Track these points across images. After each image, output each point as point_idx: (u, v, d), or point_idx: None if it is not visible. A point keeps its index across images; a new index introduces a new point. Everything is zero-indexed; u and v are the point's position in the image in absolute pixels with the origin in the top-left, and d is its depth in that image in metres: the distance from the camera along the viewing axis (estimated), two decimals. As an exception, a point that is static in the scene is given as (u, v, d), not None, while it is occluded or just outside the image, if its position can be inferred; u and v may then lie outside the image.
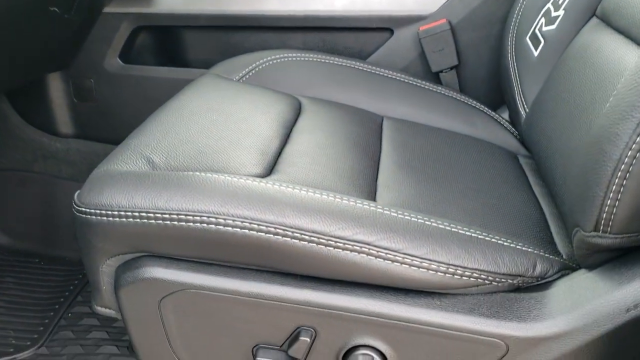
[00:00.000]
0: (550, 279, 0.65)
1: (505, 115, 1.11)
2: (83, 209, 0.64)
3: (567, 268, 0.66)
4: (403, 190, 0.78)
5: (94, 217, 0.63)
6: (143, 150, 0.74)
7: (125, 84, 1.23)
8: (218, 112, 0.88)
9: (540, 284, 0.64)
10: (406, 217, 0.64)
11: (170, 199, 0.61)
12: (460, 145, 0.97)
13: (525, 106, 0.99)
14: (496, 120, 1.06)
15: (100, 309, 0.69)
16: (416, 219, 0.64)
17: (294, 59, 1.09)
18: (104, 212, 0.62)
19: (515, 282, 0.63)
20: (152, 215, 0.61)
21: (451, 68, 1.10)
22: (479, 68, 1.14)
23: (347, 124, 0.95)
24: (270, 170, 0.77)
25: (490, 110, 1.07)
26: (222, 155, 0.75)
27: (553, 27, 0.95)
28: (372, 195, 0.76)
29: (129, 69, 1.25)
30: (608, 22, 0.85)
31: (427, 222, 0.64)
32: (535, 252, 0.66)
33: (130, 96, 1.24)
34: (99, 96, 1.25)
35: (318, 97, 1.06)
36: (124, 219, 0.62)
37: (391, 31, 1.15)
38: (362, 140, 0.91)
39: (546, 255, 0.66)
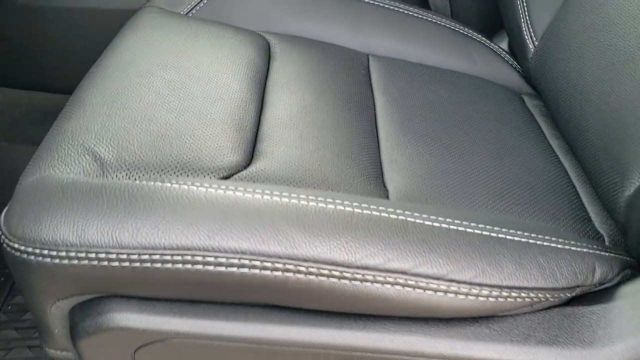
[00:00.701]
0: (610, 284, 0.54)
1: (504, 45, 0.97)
2: (17, 246, 0.47)
3: (627, 266, 0.56)
4: (414, 168, 0.64)
5: (33, 257, 0.46)
6: (85, 139, 0.56)
7: (41, 17, 1.00)
8: (173, 69, 0.70)
9: (600, 292, 0.54)
10: (442, 226, 0.50)
11: (138, 232, 0.45)
12: (464, 91, 0.82)
13: (534, 38, 0.85)
14: (495, 52, 0.92)
15: (54, 352, 0.55)
16: (454, 227, 0.51)
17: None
18: (46, 252, 0.46)
19: (573, 294, 0.52)
20: (114, 256, 0.45)
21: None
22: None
23: (331, 72, 0.78)
24: (251, 153, 0.61)
25: (488, 41, 0.92)
26: (189, 140, 0.58)
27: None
28: (380, 181, 0.62)
29: (40, -2, 1.01)
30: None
31: (468, 230, 0.51)
32: (591, 251, 0.54)
33: (51, 31, 1.01)
34: (10, 34, 1.01)
35: (287, 32, 0.88)
36: (76, 261, 0.45)
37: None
38: (353, 95, 0.75)
39: (602, 252, 0.55)
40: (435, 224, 0.50)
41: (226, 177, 0.56)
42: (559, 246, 0.53)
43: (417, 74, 0.84)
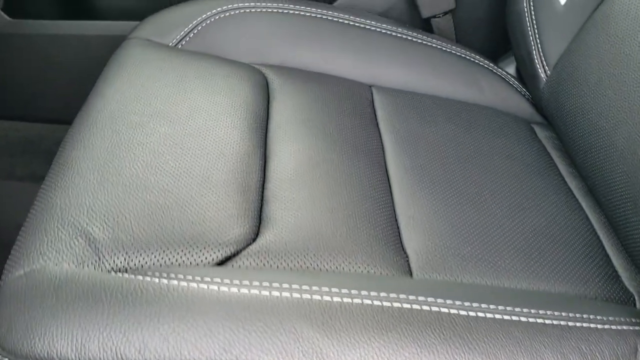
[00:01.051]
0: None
1: (511, 69, 0.92)
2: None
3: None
4: (433, 225, 0.59)
5: (25, 373, 0.41)
6: (76, 216, 0.51)
7: (16, 45, 0.93)
8: (167, 119, 0.64)
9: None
10: (478, 315, 0.46)
11: (145, 347, 0.39)
12: (475, 125, 0.78)
13: (546, 67, 0.81)
14: (503, 79, 0.87)
15: None
16: (490, 315, 0.46)
17: (248, 10, 0.83)
18: (41, 367, 0.41)
19: (615, 378, 0.49)
20: (119, 375, 0.40)
21: (446, 12, 0.88)
22: (477, 10, 0.92)
23: (335, 112, 0.73)
24: (258, 218, 0.56)
25: (495, 67, 0.87)
26: (191, 209, 0.53)
27: (589, -33, 0.74)
28: (398, 245, 0.57)
29: (19, 25, 0.94)
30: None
31: (505, 318, 0.47)
32: (631, 327, 0.51)
33: (26, 61, 0.94)
34: (-16, 62, 0.94)
35: (285, 64, 0.82)
36: (75, 378, 0.41)
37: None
38: (360, 137, 0.70)
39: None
40: (471, 314, 0.46)
41: (235, 254, 0.52)
42: (599, 326, 0.49)
43: (423, 108, 0.79)
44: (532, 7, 0.80)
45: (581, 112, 0.72)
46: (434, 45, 0.86)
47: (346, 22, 0.84)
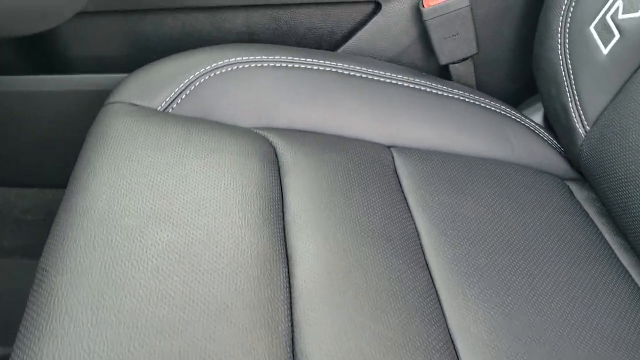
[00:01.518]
0: None
1: (536, 117, 0.84)
2: None
3: None
4: (495, 344, 0.51)
5: None
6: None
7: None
8: (168, 221, 0.54)
9: None
10: None
11: None
12: (513, 190, 0.68)
13: (585, 122, 0.72)
14: (533, 131, 0.78)
15: None
16: None
17: (247, 66, 0.73)
18: None
19: None
20: None
21: (466, 58, 0.79)
22: (500, 54, 0.83)
23: (359, 188, 0.63)
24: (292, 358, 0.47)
25: (522, 117, 0.79)
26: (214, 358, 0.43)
27: (637, 14, 0.66)
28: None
29: (-17, 83, 0.81)
30: None
31: None
32: None
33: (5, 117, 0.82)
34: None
35: (293, 126, 0.72)
36: None
37: (377, 5, 0.80)
38: (392, 222, 0.61)
39: None
40: None
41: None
42: None
43: (453, 173, 0.70)
44: (568, 56, 0.72)
45: (633, 180, 0.64)
46: (455, 96, 0.77)
47: (358, 74, 0.74)
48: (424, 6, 0.75)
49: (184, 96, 0.70)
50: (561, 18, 0.71)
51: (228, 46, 0.76)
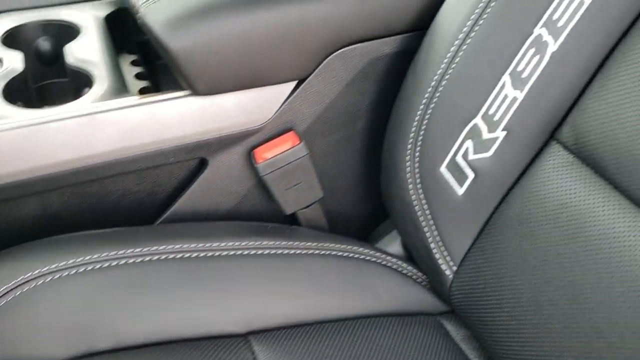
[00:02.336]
0: None
1: (393, 247, 0.77)
2: None
3: None
4: None
5: None
6: None
7: None
8: None
9: None
10: None
11: None
12: (379, 348, 0.61)
13: (451, 262, 0.66)
14: (393, 269, 0.71)
15: None
16: None
17: (57, 276, 0.56)
18: None
19: None
20: None
21: (313, 202, 0.70)
22: (348, 186, 0.75)
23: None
24: None
25: (380, 254, 0.72)
26: None
27: (487, 154, 0.61)
28: None
29: None
30: (582, 155, 0.55)
31: None
32: None
33: None
34: None
35: (122, 343, 0.57)
36: None
37: (203, 161, 0.68)
38: None
39: None
40: None
41: None
42: None
43: (320, 346, 0.60)
44: (422, 196, 0.66)
45: (498, 312, 0.59)
46: (307, 251, 0.67)
47: (191, 253, 0.62)
48: (257, 162, 0.65)
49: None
50: (407, 157, 0.65)
51: (19, 251, 0.59)
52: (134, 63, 0.73)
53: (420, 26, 0.67)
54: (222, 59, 0.60)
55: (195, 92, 0.61)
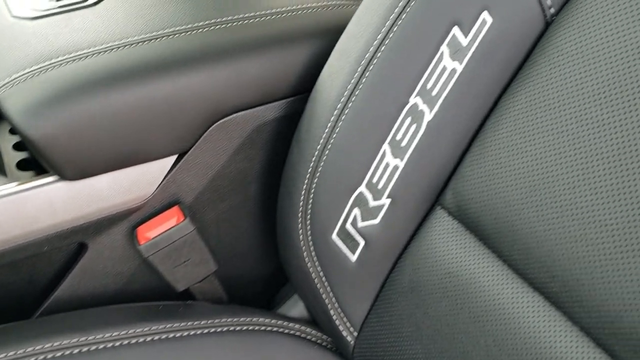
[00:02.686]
0: None
1: (296, 310, 0.75)
2: None
3: None
4: None
5: None
6: None
7: None
8: None
9: None
10: None
11: None
12: None
13: (351, 328, 0.65)
14: (297, 336, 0.69)
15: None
16: None
17: None
18: None
19: None
20: None
21: (205, 277, 0.67)
22: (244, 252, 0.73)
23: None
24: None
25: (282, 321, 0.69)
26: None
27: (375, 221, 0.60)
28: None
29: None
30: (465, 222, 0.55)
31: None
32: None
33: None
34: None
35: None
36: None
37: (83, 246, 0.64)
38: None
39: None
40: None
41: None
42: None
43: None
44: (317, 263, 0.64)
45: None
46: (205, 330, 0.64)
47: (74, 350, 0.57)
48: (139, 243, 0.61)
49: None
50: (299, 226, 0.63)
51: None
52: (12, 131, 0.69)
53: (303, 89, 0.65)
54: (90, 141, 0.56)
55: (65, 178, 0.58)
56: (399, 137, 0.56)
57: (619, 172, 0.44)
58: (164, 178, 0.62)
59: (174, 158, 0.62)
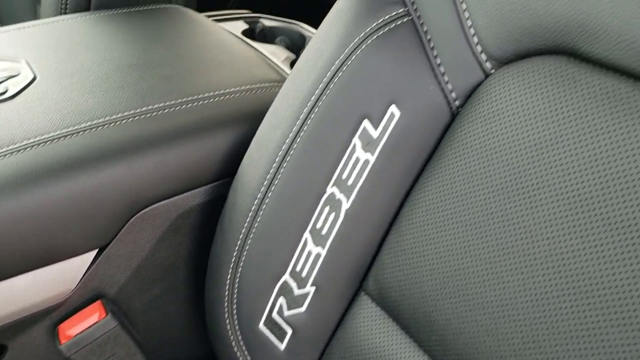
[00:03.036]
0: None
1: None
2: None
3: None
4: None
5: None
6: None
7: None
8: None
9: None
10: None
11: None
12: None
13: (284, 417, 0.64)
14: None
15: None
16: None
17: None
18: None
19: None
20: None
21: None
22: (179, 340, 0.71)
23: None
24: None
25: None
26: None
27: (301, 310, 0.59)
28: None
29: None
30: (387, 309, 0.55)
31: None
32: None
33: None
34: None
35: None
36: None
37: (2, 347, 0.61)
38: None
39: None
40: None
41: None
42: None
43: None
44: (246, 354, 0.63)
45: None
46: None
47: None
48: (60, 342, 0.60)
49: None
50: (226, 315, 0.62)
51: None
52: None
53: (226, 174, 0.65)
54: (4, 243, 0.55)
55: (-22, 281, 0.56)
56: (319, 225, 0.57)
57: (524, 267, 0.45)
58: (85, 273, 0.61)
59: (94, 252, 0.61)
